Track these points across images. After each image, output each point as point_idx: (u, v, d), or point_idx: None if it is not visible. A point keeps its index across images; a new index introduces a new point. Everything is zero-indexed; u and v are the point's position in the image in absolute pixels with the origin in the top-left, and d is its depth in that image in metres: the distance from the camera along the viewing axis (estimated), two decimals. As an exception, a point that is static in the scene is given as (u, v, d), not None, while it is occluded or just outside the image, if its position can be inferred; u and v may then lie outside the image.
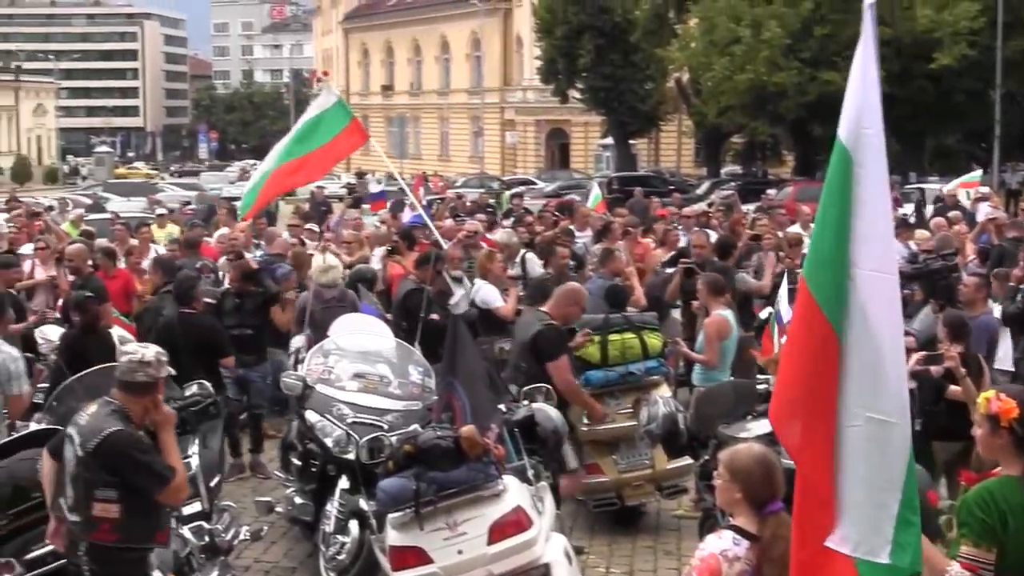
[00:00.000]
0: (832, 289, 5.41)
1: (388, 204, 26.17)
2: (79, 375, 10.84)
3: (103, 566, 7.52)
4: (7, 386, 10.82)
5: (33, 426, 10.94)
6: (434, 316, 13.62)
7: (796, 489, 5.61)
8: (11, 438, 9.57)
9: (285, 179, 14.83)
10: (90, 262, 16.74)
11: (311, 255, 17.30)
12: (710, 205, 34.47)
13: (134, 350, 7.84)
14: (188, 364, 12.07)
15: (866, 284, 5.36)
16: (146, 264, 18.34)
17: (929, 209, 30.02)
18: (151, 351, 7.79)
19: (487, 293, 15.49)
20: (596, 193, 29.89)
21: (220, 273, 18.18)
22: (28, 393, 10.92)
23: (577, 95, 72.78)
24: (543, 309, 12.10)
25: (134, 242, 20.33)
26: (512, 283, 16.35)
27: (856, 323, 5.39)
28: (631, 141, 75.49)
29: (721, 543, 6.07)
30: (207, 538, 9.93)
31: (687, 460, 12.27)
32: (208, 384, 11.10)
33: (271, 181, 14.60)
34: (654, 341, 12.58)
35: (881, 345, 5.36)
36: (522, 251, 18.09)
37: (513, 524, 8.89)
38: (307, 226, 22.73)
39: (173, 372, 8.26)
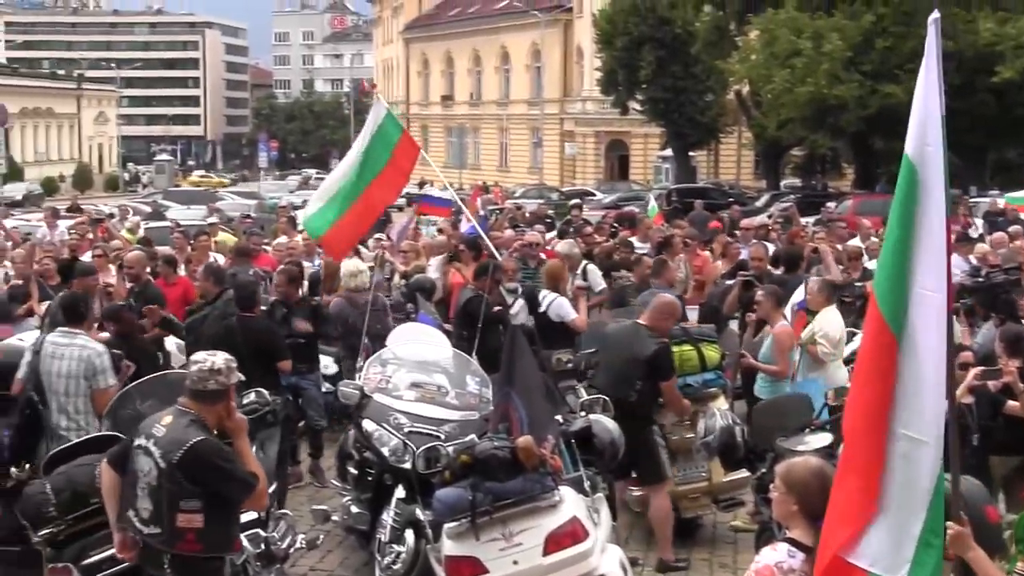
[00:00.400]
0: (896, 304, 5.39)
1: (452, 211, 26.05)
2: (136, 383, 10.90)
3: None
4: (93, 380, 11.08)
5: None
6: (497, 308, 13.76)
7: (831, 498, 5.62)
8: (70, 444, 9.62)
9: (368, 213, 14.88)
10: (149, 269, 16.85)
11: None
12: (769, 217, 34.31)
13: (204, 358, 7.85)
14: (247, 368, 12.14)
15: (918, 302, 5.35)
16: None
17: (978, 223, 29.71)
18: (220, 358, 7.83)
19: (561, 305, 15.42)
20: (652, 205, 29.79)
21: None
22: (114, 387, 11.03)
23: (637, 106, 72.63)
24: (642, 322, 11.94)
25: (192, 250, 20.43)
26: (581, 294, 16.33)
27: (907, 339, 5.38)
28: (691, 153, 75.25)
29: (776, 555, 6.05)
30: (263, 546, 9.94)
31: (744, 473, 12.22)
32: (266, 392, 11.14)
33: (356, 216, 14.59)
34: (712, 353, 12.53)
35: (924, 363, 5.35)
36: (584, 262, 18.05)
37: (569, 535, 8.87)
38: (377, 235, 22.78)
39: (243, 378, 8.28)
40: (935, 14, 5.51)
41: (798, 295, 14.44)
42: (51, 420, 11.10)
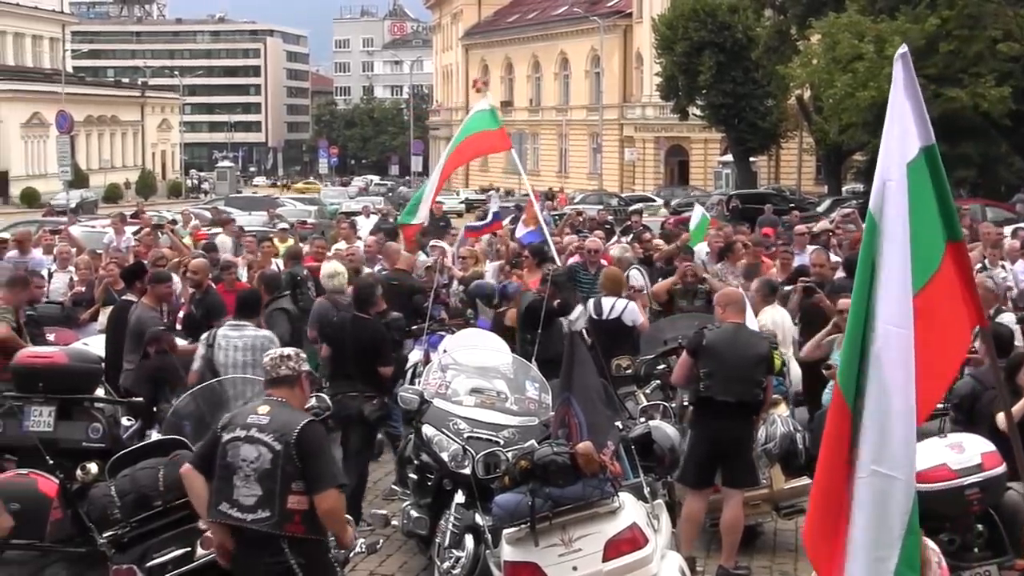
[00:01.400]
0: (848, 356, 5.52)
1: (504, 223, 26.01)
2: (195, 389, 11.00)
3: (309, 558, 7.88)
4: None
5: (155, 435, 11.16)
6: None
7: (806, 535, 5.70)
8: (133, 447, 9.72)
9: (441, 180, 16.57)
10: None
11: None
12: (831, 223, 34.10)
13: (276, 350, 8.77)
14: (351, 366, 12.98)
15: (882, 337, 5.41)
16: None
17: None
18: (290, 349, 8.55)
19: (634, 310, 15.45)
20: (704, 214, 29.62)
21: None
22: None
23: (697, 112, 72.46)
24: (735, 320, 11.82)
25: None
26: (637, 296, 16.33)
27: (872, 377, 5.43)
28: (751, 158, 74.94)
29: None
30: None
31: (805, 480, 12.13)
32: (326, 397, 11.24)
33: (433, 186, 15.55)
34: (775, 359, 12.45)
35: (892, 399, 5.39)
36: (631, 265, 18.09)
37: (628, 541, 8.85)
38: (432, 242, 22.82)
39: (310, 370, 8.77)
40: (902, 48, 5.61)
41: None
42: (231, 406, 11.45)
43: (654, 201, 69.36)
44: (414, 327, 15.59)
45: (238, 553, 7.99)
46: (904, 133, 5.57)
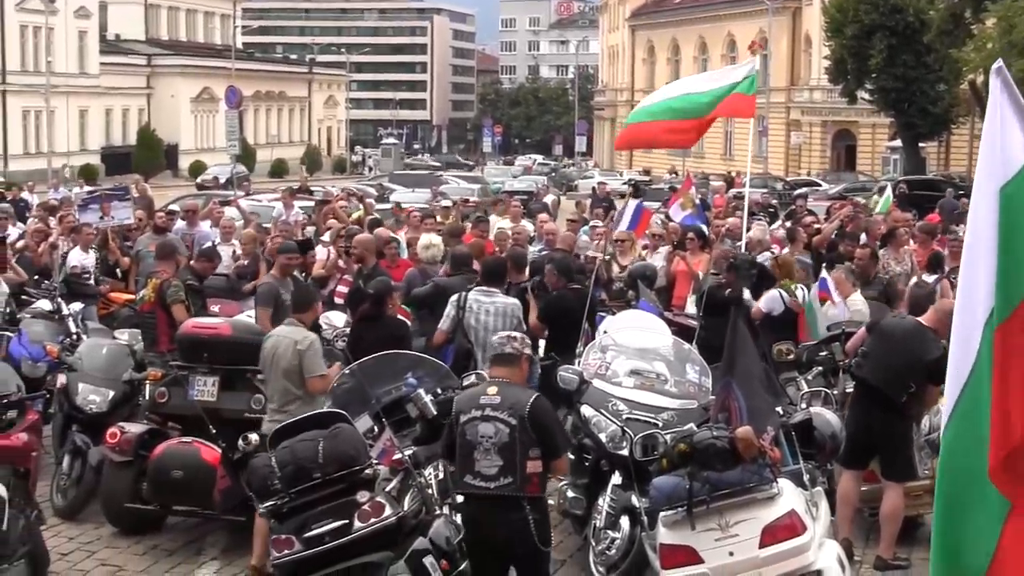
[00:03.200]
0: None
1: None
2: (359, 362, 11.11)
3: (541, 513, 8.86)
4: (519, 330, 12.34)
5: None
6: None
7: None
8: (293, 420, 9.84)
9: (671, 135, 16.96)
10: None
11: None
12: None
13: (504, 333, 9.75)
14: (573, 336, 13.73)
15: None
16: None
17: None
18: (516, 332, 9.71)
19: (771, 299, 15.33)
20: (888, 196, 29.20)
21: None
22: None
23: (866, 96, 71.39)
24: (925, 322, 11.62)
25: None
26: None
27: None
28: (920, 144, 73.68)
29: None
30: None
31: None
32: (486, 374, 11.25)
33: (666, 130, 15.67)
34: (942, 371, 12.19)
35: None
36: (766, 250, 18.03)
37: (786, 528, 8.77)
38: (592, 223, 22.79)
39: (530, 354, 9.69)
40: (997, 63, 5.34)
41: None
42: (479, 368, 12.25)
43: (819, 186, 68.55)
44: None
45: (481, 516, 8.82)
46: (1000, 153, 5.33)
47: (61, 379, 13.50)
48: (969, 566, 5.38)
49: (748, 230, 19.36)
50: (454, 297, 13.58)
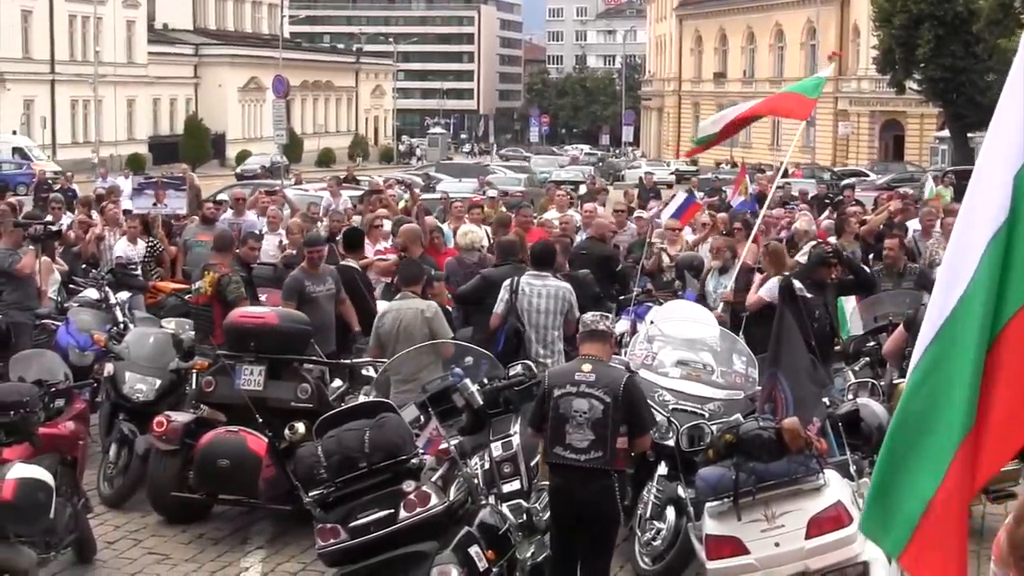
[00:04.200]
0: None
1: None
2: (405, 352, 11.11)
3: (622, 483, 9.24)
4: (571, 313, 13.09)
5: (362, 398, 11.31)
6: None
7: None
8: (339, 410, 9.85)
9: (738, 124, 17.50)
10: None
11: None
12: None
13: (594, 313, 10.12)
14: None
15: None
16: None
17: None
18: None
19: (772, 288, 15.32)
20: (931, 186, 29.06)
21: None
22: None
23: (914, 86, 70.95)
24: None
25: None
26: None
27: None
28: (969, 135, 73.10)
29: None
30: (525, 516, 10.05)
31: (1016, 464, 11.82)
32: (532, 365, 11.26)
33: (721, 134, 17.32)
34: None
35: None
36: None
37: (832, 520, 8.73)
38: (637, 213, 22.74)
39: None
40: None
41: None
42: (531, 350, 12.70)
43: (867, 176, 68.19)
44: (620, 297, 15.65)
45: (570, 486, 9.10)
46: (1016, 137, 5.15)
47: (108, 368, 13.55)
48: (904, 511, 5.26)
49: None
50: (507, 282, 13.69)
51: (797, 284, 13.52)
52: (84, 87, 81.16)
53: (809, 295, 13.02)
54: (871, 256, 19.24)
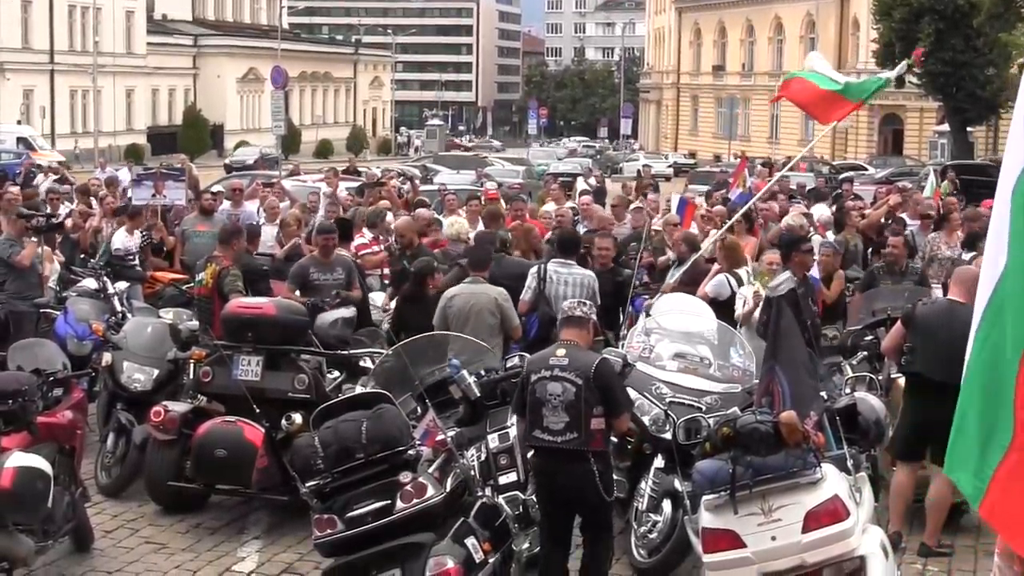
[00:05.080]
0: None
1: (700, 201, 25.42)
2: (403, 343, 11.11)
3: (605, 466, 9.47)
4: (593, 299, 13.03)
5: (359, 389, 11.31)
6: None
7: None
8: (336, 400, 9.86)
9: (823, 105, 17.08)
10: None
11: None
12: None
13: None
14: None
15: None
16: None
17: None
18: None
19: (717, 284, 15.40)
20: (932, 181, 28.99)
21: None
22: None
23: (914, 80, 70.78)
24: (955, 298, 11.58)
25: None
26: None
27: None
28: (968, 129, 73.11)
29: None
30: (521, 508, 10.07)
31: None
32: (528, 356, 11.28)
33: (818, 96, 16.76)
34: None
35: None
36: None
37: (829, 513, 8.72)
38: (635, 205, 22.73)
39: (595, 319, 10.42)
40: None
41: None
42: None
43: (866, 170, 68.16)
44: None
45: (549, 467, 9.46)
46: None
47: (106, 357, 13.55)
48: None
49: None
50: (534, 269, 14.23)
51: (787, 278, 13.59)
52: (83, 77, 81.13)
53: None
54: (870, 251, 19.27)
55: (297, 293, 14.23)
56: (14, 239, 15.88)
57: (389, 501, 8.76)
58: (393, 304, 15.07)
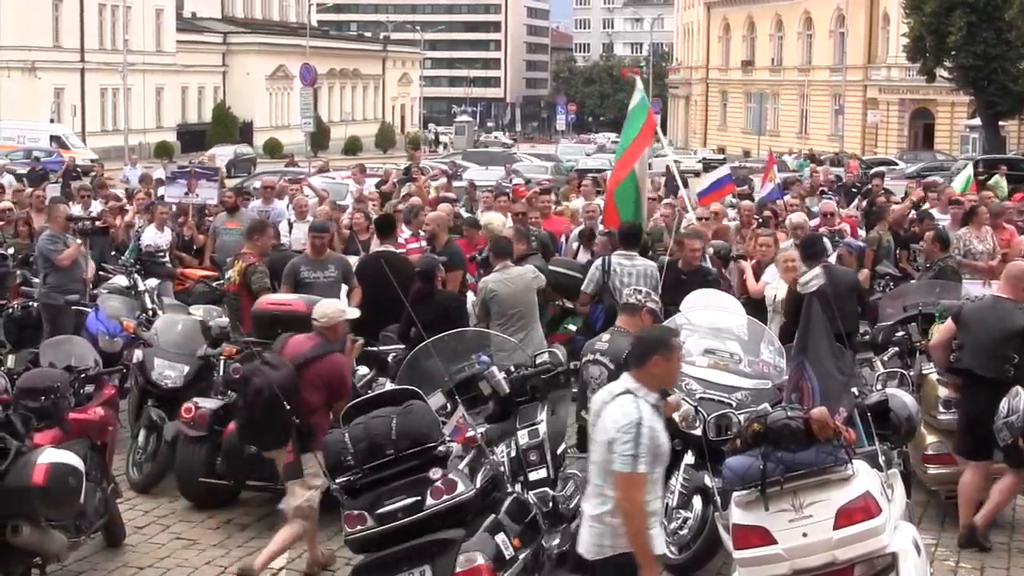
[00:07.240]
0: None
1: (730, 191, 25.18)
2: (432, 339, 11.09)
3: None
4: (656, 292, 12.95)
5: (389, 386, 11.32)
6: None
7: None
8: (367, 396, 9.87)
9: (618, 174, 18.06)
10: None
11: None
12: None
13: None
14: None
15: None
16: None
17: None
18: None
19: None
20: (968, 175, 28.75)
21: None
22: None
23: (944, 74, 70.55)
24: (1001, 294, 11.59)
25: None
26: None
27: None
28: (1000, 123, 72.74)
29: None
30: (551, 504, 10.06)
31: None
32: (559, 352, 11.28)
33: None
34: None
35: None
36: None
37: (861, 510, 8.67)
38: (666, 201, 22.65)
39: (652, 307, 11.04)
40: None
41: None
42: None
43: (896, 164, 67.91)
44: None
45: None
46: None
47: (137, 354, 13.61)
48: None
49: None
50: (598, 261, 14.84)
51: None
52: (113, 75, 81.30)
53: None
54: (897, 248, 19.21)
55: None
56: (58, 235, 15.97)
57: (419, 497, 8.77)
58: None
